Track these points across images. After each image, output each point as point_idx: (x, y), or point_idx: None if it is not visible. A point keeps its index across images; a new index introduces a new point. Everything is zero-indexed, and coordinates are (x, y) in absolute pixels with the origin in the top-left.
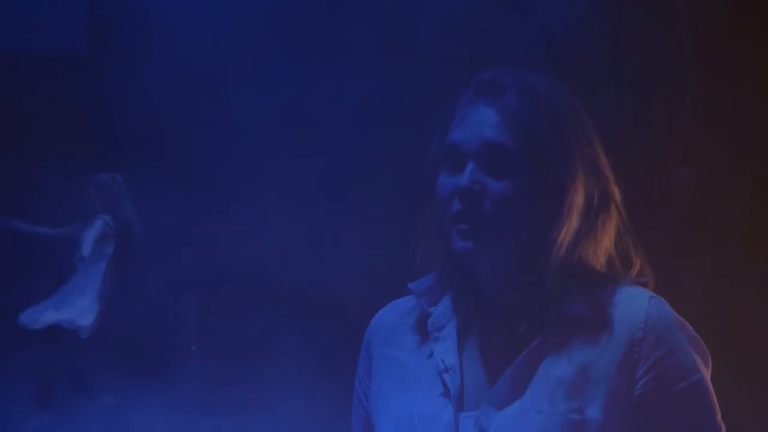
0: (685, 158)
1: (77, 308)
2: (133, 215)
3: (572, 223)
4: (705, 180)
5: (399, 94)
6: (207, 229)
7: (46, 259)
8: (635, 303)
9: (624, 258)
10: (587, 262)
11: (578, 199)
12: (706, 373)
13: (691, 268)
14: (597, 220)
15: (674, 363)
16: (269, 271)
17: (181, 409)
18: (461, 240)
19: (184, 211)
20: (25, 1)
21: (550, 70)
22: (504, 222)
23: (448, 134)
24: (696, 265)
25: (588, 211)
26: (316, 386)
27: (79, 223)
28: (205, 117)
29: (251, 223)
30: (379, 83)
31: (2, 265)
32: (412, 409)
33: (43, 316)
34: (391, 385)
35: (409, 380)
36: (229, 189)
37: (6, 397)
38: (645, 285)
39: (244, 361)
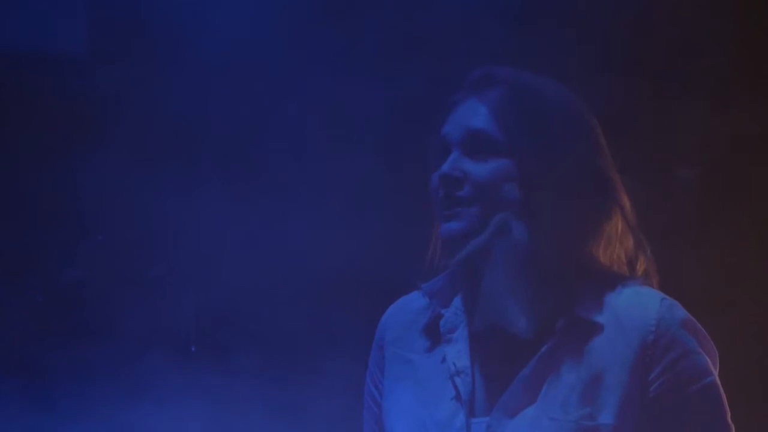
0: (685, 158)
1: None
2: None
3: (560, 219)
4: (706, 180)
5: (424, 91)
6: (210, 228)
7: None
8: (646, 305)
9: (629, 257)
10: (591, 263)
11: (571, 198)
12: (716, 374)
13: (693, 265)
14: (599, 219)
15: (687, 365)
16: (282, 270)
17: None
18: (446, 223)
19: (185, 211)
20: (25, 1)
21: (556, 69)
22: (487, 206)
23: (440, 129)
24: (698, 263)
25: (583, 209)
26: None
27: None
28: (208, 117)
29: (262, 222)
30: (404, 81)
31: None
32: (424, 412)
33: None
34: (403, 386)
35: (421, 382)
36: (236, 190)
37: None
38: (650, 285)
39: (256, 358)
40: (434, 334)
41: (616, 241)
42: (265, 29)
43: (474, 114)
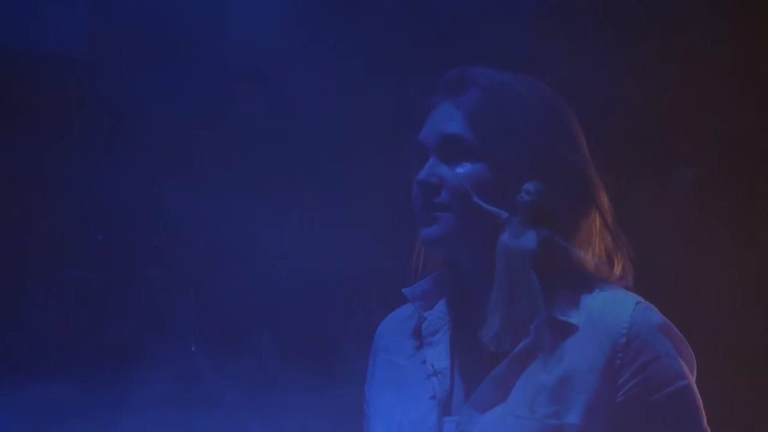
0: (685, 158)
1: None
2: None
3: (547, 223)
4: (705, 180)
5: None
6: (209, 228)
7: None
8: (620, 308)
9: (607, 259)
10: (569, 264)
11: (549, 198)
12: (693, 378)
13: (689, 269)
14: (577, 221)
15: (659, 369)
16: (282, 269)
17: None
18: (424, 228)
19: (186, 210)
20: (25, 1)
21: (546, 69)
22: (466, 211)
23: (417, 134)
24: (694, 266)
25: (562, 211)
26: (319, 390)
27: None
28: (207, 117)
29: (256, 223)
30: (392, 82)
31: None
32: (401, 412)
33: None
34: (388, 389)
35: (404, 385)
36: (234, 189)
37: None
38: (627, 287)
39: (246, 361)
40: (419, 338)
41: (596, 241)
42: (269, 27)
43: (449, 119)
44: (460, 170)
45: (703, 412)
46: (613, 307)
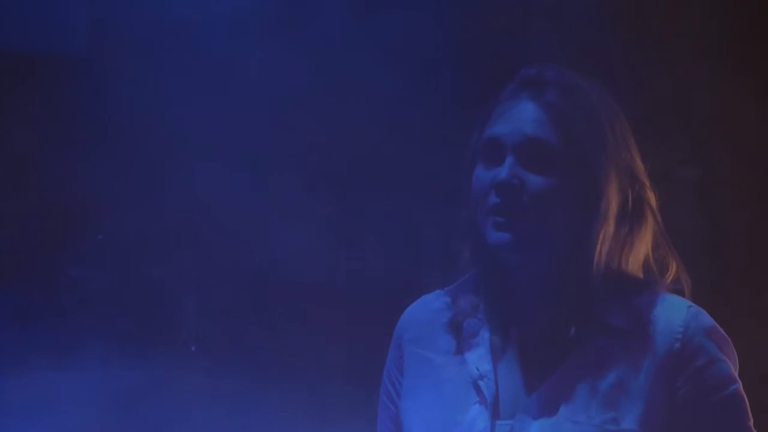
0: (685, 158)
1: None
2: None
3: (609, 228)
4: (707, 181)
5: (424, 90)
6: (210, 228)
7: None
8: (673, 313)
9: (660, 264)
10: (624, 269)
11: (614, 204)
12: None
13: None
14: (633, 226)
15: (713, 373)
16: (282, 270)
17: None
18: (497, 231)
19: (186, 211)
20: (25, 1)
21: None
22: (542, 218)
23: (488, 127)
24: (702, 268)
25: (624, 216)
26: (325, 388)
27: None
28: (208, 117)
29: (261, 221)
30: (405, 79)
31: None
32: (446, 413)
33: None
34: (424, 386)
35: (443, 384)
36: (236, 188)
37: None
38: (681, 291)
39: (250, 362)
40: (456, 337)
41: (646, 246)
42: (269, 24)
43: (529, 119)
44: (543, 177)
45: (750, 414)
46: (664, 312)
